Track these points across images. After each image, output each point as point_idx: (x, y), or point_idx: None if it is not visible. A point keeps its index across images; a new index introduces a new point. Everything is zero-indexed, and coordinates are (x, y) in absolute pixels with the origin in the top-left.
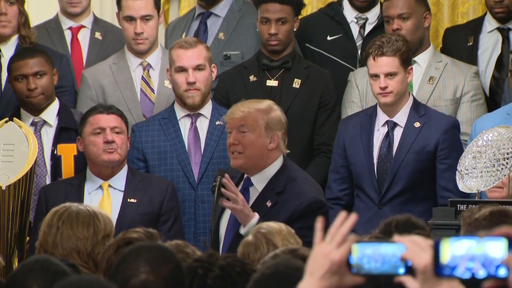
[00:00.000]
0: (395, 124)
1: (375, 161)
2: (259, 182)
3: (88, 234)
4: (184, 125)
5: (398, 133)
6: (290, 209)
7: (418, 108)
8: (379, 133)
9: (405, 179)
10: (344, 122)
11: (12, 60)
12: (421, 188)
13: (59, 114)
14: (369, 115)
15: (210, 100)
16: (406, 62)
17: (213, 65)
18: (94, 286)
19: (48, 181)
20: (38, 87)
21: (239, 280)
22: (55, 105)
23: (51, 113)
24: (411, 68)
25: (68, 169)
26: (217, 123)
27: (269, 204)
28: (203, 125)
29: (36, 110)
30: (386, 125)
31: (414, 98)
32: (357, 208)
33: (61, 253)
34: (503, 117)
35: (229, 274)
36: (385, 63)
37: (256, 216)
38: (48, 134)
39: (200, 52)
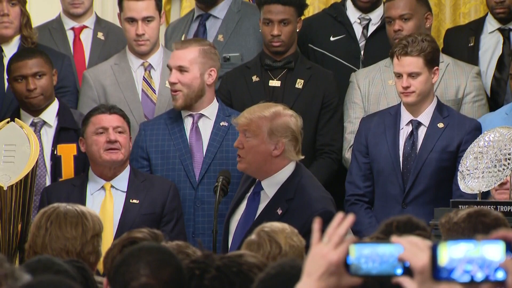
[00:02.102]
0: (419, 124)
1: (400, 159)
2: (270, 187)
3: (77, 233)
4: (187, 125)
5: (422, 132)
6: (301, 220)
7: (441, 109)
8: (403, 131)
9: (428, 178)
10: (366, 120)
11: (11, 61)
12: (443, 187)
13: (59, 114)
14: (392, 114)
15: (215, 100)
16: (431, 62)
17: None
18: (56, 286)
19: (48, 182)
20: (37, 87)
21: (236, 280)
22: (54, 106)
23: (50, 114)
24: (437, 69)
25: (68, 170)
26: (221, 124)
27: (279, 211)
28: (206, 125)
29: (36, 110)
30: (410, 124)
31: (438, 99)
32: (377, 207)
33: (50, 254)
34: (502, 117)
35: (226, 275)
36: (409, 63)
37: None
38: (48, 135)
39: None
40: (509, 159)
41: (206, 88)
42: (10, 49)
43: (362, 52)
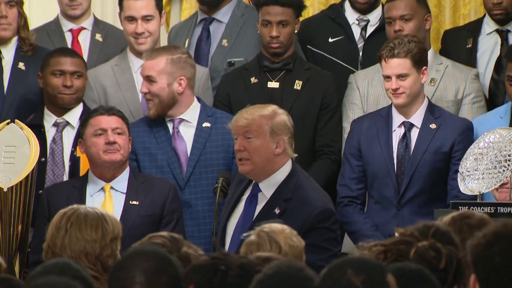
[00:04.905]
0: (411, 125)
1: (394, 161)
2: (267, 188)
3: (97, 236)
4: (170, 130)
5: (414, 134)
6: (300, 218)
7: (433, 110)
8: (396, 133)
9: (422, 179)
10: (357, 122)
11: (51, 55)
12: (437, 189)
13: (82, 117)
14: (383, 116)
15: (196, 102)
16: (419, 63)
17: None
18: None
19: None
20: (73, 86)
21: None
22: (79, 108)
23: (74, 115)
24: (425, 69)
25: (85, 171)
26: (203, 125)
27: (277, 211)
28: (188, 129)
29: (60, 111)
30: (403, 126)
31: (429, 100)
32: (372, 210)
33: (69, 255)
34: (497, 120)
35: (249, 273)
36: (396, 64)
37: None
38: (69, 136)
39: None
40: (509, 160)
41: (177, 96)
42: (8, 51)
43: (360, 54)
